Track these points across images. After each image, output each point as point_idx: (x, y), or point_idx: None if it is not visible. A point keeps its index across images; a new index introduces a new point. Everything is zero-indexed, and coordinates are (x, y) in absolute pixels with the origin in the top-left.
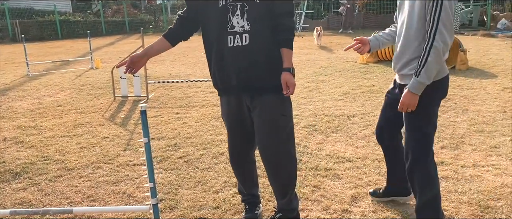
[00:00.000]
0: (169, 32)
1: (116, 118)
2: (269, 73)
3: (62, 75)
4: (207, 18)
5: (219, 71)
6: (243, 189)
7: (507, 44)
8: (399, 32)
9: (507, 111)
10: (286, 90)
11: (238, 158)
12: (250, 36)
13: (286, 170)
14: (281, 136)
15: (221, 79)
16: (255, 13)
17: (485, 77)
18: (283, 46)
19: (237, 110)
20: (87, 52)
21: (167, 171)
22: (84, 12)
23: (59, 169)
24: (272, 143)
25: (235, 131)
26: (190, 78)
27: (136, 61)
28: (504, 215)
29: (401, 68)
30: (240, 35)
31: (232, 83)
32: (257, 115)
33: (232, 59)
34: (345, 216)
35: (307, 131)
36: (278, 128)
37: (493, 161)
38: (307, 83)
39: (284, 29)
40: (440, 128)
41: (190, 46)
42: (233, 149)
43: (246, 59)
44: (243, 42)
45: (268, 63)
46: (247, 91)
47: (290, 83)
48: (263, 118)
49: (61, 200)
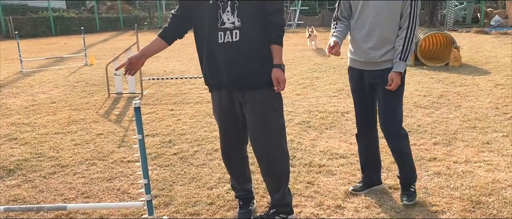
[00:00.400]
0: (164, 32)
1: (110, 114)
2: (259, 69)
3: (56, 72)
4: (198, 15)
5: (210, 68)
6: (237, 185)
7: (500, 41)
8: (370, 28)
9: (499, 107)
10: (277, 86)
11: (230, 154)
12: (241, 32)
13: (279, 165)
14: (273, 131)
15: (212, 75)
16: (245, 10)
17: (478, 74)
18: (274, 43)
19: (229, 105)
20: (81, 48)
21: (162, 168)
22: (78, 8)
23: (53, 165)
24: (264, 138)
25: (227, 127)
26: (184, 75)
27: (134, 62)
28: (496, 210)
29: (381, 56)
30: (230, 32)
31: (223, 79)
32: (249, 110)
33: (222, 56)
34: (339, 212)
35: (301, 127)
36: (270, 123)
37: (485, 157)
38: (301, 80)
39: (275, 27)
40: (433, 124)
41: (184, 43)
42: (225, 145)
43: (237, 55)
44: (234, 39)
45: (259, 59)
46: (238, 87)
47: (281, 80)
48: (255, 113)
49: (55, 197)
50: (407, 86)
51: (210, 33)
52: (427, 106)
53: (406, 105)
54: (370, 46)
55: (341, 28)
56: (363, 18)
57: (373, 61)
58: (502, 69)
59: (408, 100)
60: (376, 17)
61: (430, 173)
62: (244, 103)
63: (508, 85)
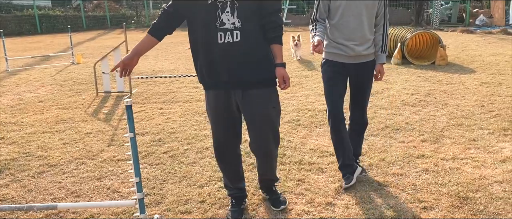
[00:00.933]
0: (153, 28)
1: (99, 113)
2: (258, 68)
3: (43, 71)
4: (194, 14)
5: (208, 67)
6: (229, 183)
7: (485, 40)
8: (353, 27)
9: (485, 105)
10: (282, 85)
11: (225, 152)
12: (241, 33)
13: (275, 154)
14: (273, 127)
15: (210, 74)
16: (245, 10)
17: (464, 73)
18: (275, 42)
19: (225, 104)
20: (67, 47)
21: (152, 166)
22: (64, 6)
23: (42, 165)
24: (266, 135)
25: (222, 125)
26: (173, 73)
27: (128, 63)
28: (482, 206)
29: (364, 51)
30: (231, 32)
31: (222, 79)
32: (249, 109)
33: (223, 56)
34: (330, 209)
35: (290, 126)
36: (270, 120)
37: (472, 153)
38: (291, 79)
39: (275, 27)
40: (421, 121)
41: (173, 41)
42: (219, 144)
43: (238, 55)
44: (234, 39)
45: (258, 59)
46: (238, 87)
47: (286, 78)
48: (255, 111)
49: (45, 196)
50: (395, 84)
51: (208, 33)
52: (415, 104)
53: (394, 104)
54: (354, 43)
55: (321, 28)
56: (346, 19)
57: (359, 55)
58: (487, 68)
59: (396, 98)
60: (357, 18)
61: (418, 170)
62: (244, 103)
63: (493, 83)
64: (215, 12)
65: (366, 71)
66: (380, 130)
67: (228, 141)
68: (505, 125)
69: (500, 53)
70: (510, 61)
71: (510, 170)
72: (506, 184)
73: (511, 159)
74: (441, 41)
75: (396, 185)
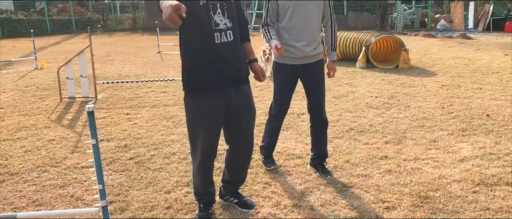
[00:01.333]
0: None
1: (63, 119)
2: (244, 65)
3: (4, 76)
4: (188, 14)
5: (207, 68)
6: (202, 190)
7: (445, 44)
8: (301, 29)
9: (445, 107)
10: (261, 77)
11: (212, 160)
12: (233, 32)
13: (252, 146)
14: (254, 119)
15: (209, 75)
16: (232, 11)
17: (425, 76)
18: (248, 40)
19: (216, 108)
20: (30, 52)
21: (117, 173)
22: (27, 10)
23: (2, 174)
24: (250, 127)
25: (214, 130)
26: (140, 78)
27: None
28: (442, 204)
29: (311, 51)
30: (225, 32)
31: (220, 78)
32: (242, 104)
33: (221, 55)
34: (295, 211)
35: (258, 129)
36: (254, 113)
37: (432, 154)
38: (258, 83)
39: (246, 26)
40: (384, 123)
41: (140, 46)
42: (209, 149)
43: (233, 54)
44: (229, 39)
45: (242, 57)
46: (234, 84)
47: (262, 72)
48: (245, 105)
49: (4, 206)
50: (360, 87)
51: (204, 34)
52: (379, 106)
53: (359, 106)
54: (303, 44)
55: (274, 31)
56: (294, 20)
57: (308, 56)
58: (448, 71)
59: (360, 101)
60: (306, 19)
61: (381, 170)
62: (237, 99)
63: (453, 86)
64: (208, 14)
65: (315, 71)
66: (345, 132)
67: (215, 148)
68: (464, 126)
69: (460, 56)
70: (468, 65)
71: (468, 169)
72: (464, 183)
73: (469, 159)
74: (404, 45)
75: (360, 186)
